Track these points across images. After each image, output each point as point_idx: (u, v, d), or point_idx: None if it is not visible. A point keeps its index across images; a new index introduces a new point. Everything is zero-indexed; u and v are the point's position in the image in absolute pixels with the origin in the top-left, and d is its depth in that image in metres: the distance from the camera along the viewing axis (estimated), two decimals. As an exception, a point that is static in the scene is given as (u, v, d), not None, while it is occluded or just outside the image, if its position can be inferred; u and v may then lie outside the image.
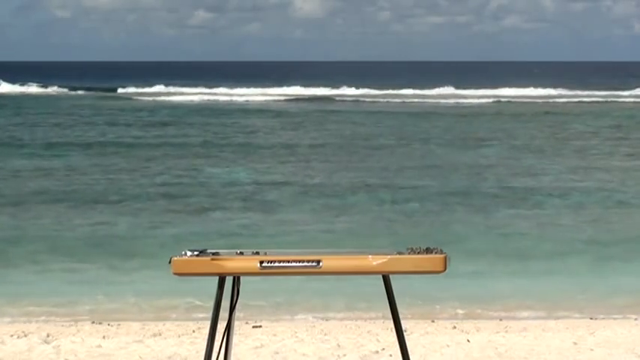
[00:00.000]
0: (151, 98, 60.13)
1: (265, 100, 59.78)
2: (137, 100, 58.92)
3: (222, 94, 65.00)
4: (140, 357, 8.65)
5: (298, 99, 61.67)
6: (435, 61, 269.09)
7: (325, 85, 74.11)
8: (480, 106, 54.67)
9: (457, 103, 57.23)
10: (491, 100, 59.76)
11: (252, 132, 36.93)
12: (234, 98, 60.53)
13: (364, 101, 60.15)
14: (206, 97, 61.00)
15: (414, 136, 34.67)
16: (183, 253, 4.40)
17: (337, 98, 62.42)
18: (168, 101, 57.63)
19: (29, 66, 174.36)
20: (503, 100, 60.34)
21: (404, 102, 58.61)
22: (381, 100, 61.18)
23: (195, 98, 59.72)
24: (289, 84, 76.05)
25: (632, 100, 61.00)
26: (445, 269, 4.32)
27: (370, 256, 4.33)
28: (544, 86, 73.89)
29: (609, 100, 60.71)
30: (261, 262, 4.34)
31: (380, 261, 4.31)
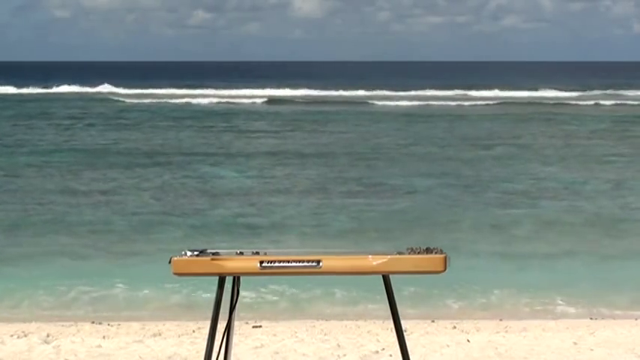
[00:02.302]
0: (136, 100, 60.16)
1: (265, 101, 59.77)
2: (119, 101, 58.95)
3: (220, 95, 65.04)
4: (140, 357, 8.65)
5: (297, 99, 61.66)
6: (433, 62, 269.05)
7: (325, 86, 74.08)
8: (480, 106, 54.66)
9: (457, 104, 57.23)
10: (492, 101, 59.74)
11: (251, 133, 36.94)
12: (231, 99, 60.37)
13: (363, 102, 60.13)
14: (204, 99, 60.97)
15: (414, 137, 34.68)
16: (183, 253, 4.39)
17: (336, 99, 62.41)
18: (168, 103, 57.69)
19: (28, 66, 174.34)
20: (503, 100, 60.33)
21: (403, 102, 58.58)
22: (381, 100, 61.16)
23: (192, 100, 59.69)
24: (288, 84, 76.02)
25: (632, 102, 60.97)
26: (445, 269, 4.31)
27: (370, 256, 4.33)
28: (544, 87, 73.90)
29: (608, 100, 60.70)
30: (261, 262, 4.34)
31: (380, 261, 4.31)
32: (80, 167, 25.35)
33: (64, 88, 70.86)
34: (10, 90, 70.06)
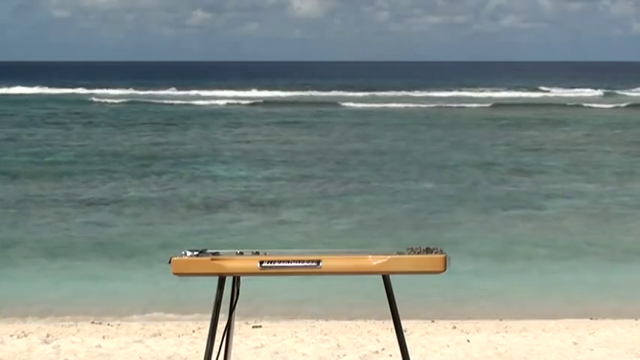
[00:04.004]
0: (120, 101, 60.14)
1: (263, 101, 59.75)
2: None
3: (217, 97, 65.04)
4: (140, 357, 8.65)
5: (296, 100, 61.65)
6: (433, 62, 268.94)
7: (323, 86, 74.03)
8: (479, 107, 54.63)
9: (456, 105, 57.20)
10: (490, 102, 59.68)
11: (250, 133, 36.94)
12: (227, 100, 60.23)
13: (363, 102, 60.07)
14: (202, 101, 60.95)
15: (414, 138, 34.67)
16: (183, 253, 4.39)
17: (334, 99, 62.36)
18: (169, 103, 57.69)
19: (27, 66, 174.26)
20: (502, 101, 60.30)
21: (402, 103, 58.56)
22: (380, 101, 61.12)
23: (190, 102, 59.63)
24: (289, 84, 75.94)
25: (629, 102, 60.94)
26: (445, 269, 4.31)
27: (370, 256, 4.32)
28: (543, 87, 73.90)
29: (608, 99, 60.65)
30: (261, 262, 4.33)
31: (380, 261, 4.31)
32: (76, 168, 25.35)
33: (58, 90, 70.49)
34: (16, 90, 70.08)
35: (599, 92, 69.55)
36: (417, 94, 67.72)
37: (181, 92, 68.50)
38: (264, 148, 30.63)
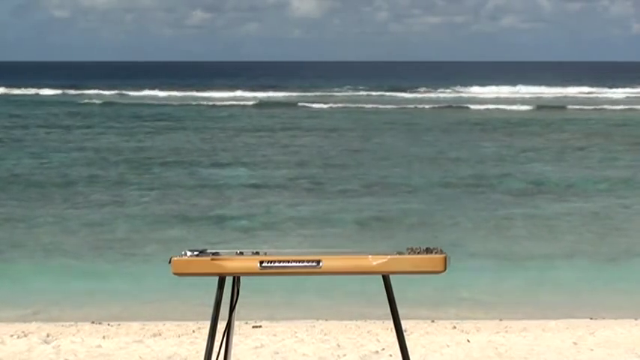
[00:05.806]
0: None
1: (262, 102, 59.75)
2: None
3: (214, 98, 65.06)
4: (140, 357, 8.65)
5: (296, 100, 61.64)
6: (432, 61, 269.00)
7: (321, 85, 73.99)
8: (479, 107, 54.61)
9: (456, 105, 57.19)
10: (490, 102, 59.66)
11: (249, 134, 36.94)
12: (227, 102, 60.24)
13: (361, 102, 60.07)
14: (199, 101, 60.94)
15: (413, 137, 34.66)
16: (183, 253, 4.39)
17: (333, 99, 62.35)
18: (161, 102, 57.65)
19: (26, 66, 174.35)
20: (502, 101, 60.29)
21: (401, 103, 58.56)
22: (379, 101, 61.13)
23: (188, 102, 59.61)
24: (289, 84, 75.91)
25: (624, 106, 60.88)
26: (445, 269, 4.31)
27: (370, 256, 4.32)
28: (542, 86, 73.91)
29: (607, 100, 60.62)
30: (261, 262, 4.34)
31: (380, 261, 4.31)
32: (75, 169, 25.35)
33: (50, 91, 70.15)
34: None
35: (598, 92, 69.51)
36: (417, 94, 67.71)
37: (180, 93, 68.41)
38: (261, 149, 30.63)
